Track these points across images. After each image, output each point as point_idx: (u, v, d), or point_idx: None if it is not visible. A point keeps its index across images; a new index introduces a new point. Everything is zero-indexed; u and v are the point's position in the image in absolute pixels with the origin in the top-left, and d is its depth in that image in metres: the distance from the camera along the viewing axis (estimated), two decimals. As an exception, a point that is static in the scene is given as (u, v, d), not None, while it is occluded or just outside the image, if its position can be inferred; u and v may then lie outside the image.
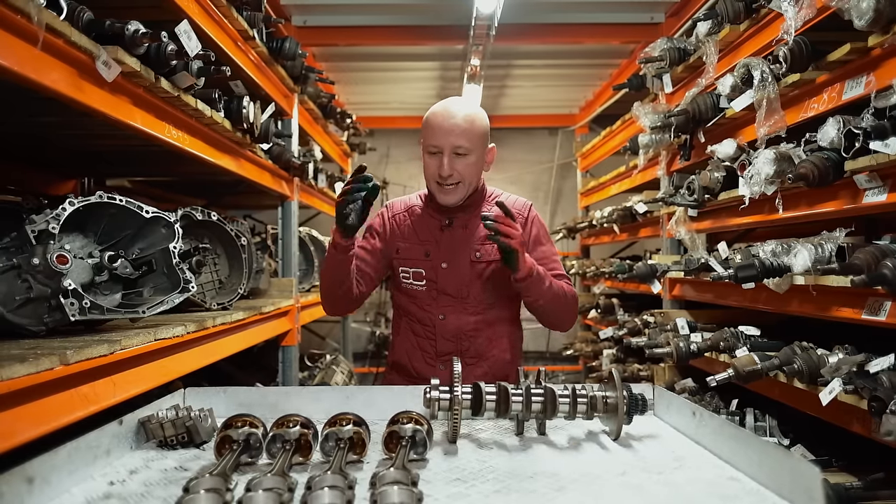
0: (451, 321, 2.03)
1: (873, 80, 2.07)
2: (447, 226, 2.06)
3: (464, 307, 2.03)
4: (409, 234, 2.09)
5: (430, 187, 2.05)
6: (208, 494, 0.99)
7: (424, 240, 2.07)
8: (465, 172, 1.97)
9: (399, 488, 1.00)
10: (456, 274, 2.03)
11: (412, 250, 2.07)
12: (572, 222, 6.48)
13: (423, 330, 2.07)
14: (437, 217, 2.08)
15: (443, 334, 2.04)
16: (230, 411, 1.46)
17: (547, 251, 2.09)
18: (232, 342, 2.67)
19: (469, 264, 2.03)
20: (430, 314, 2.05)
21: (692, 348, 2.99)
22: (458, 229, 2.06)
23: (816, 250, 2.26)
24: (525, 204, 2.14)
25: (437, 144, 1.94)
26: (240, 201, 4.73)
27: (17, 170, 3.34)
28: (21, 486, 1.00)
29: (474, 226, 2.05)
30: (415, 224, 2.10)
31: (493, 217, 1.78)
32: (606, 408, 1.45)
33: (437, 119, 1.96)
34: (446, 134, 1.93)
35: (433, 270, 2.04)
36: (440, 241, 2.05)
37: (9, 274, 1.71)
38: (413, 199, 2.17)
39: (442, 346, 2.04)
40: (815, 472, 1.00)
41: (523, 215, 2.09)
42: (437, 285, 2.04)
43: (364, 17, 4.91)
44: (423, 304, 2.06)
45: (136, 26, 1.91)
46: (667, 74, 3.54)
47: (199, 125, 2.53)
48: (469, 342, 2.04)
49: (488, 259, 2.03)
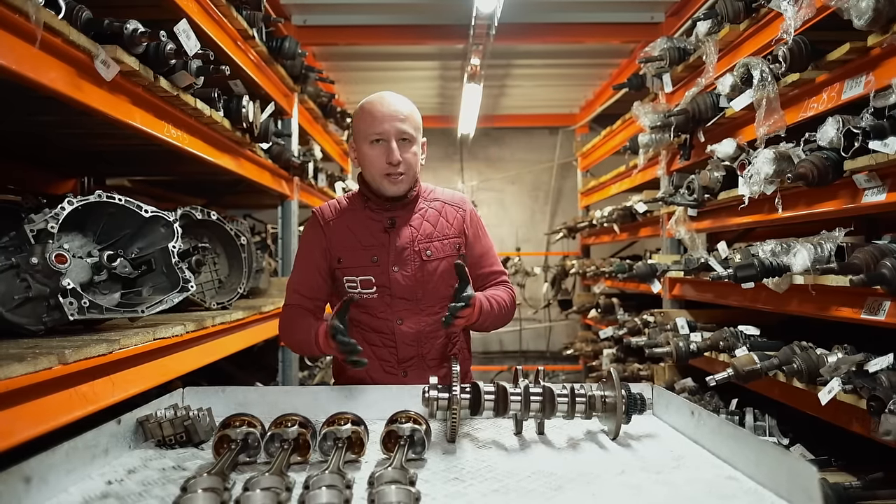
0: (409, 325, 1.93)
1: (873, 80, 2.07)
2: (390, 226, 1.94)
3: (420, 308, 1.93)
4: (349, 241, 1.94)
5: (374, 180, 1.91)
6: (206, 494, 1.00)
7: (368, 245, 1.93)
8: (410, 161, 1.89)
9: (397, 487, 1.00)
10: (408, 276, 1.92)
11: (357, 257, 1.93)
12: (572, 222, 6.48)
13: (380, 338, 1.94)
14: (376, 218, 1.95)
15: (403, 340, 1.93)
16: (229, 411, 1.46)
17: (487, 245, 2.06)
18: (231, 342, 2.67)
19: (420, 264, 1.93)
20: (385, 321, 1.93)
21: (692, 348, 2.99)
22: (402, 228, 1.94)
23: (816, 250, 2.26)
24: (463, 198, 2.07)
25: (383, 131, 1.86)
26: (239, 201, 4.73)
27: (16, 169, 3.34)
28: (18, 486, 1.00)
29: (418, 222, 1.96)
30: (353, 228, 1.95)
31: (455, 314, 1.67)
32: (605, 407, 1.45)
33: (378, 107, 1.88)
34: (391, 120, 1.86)
35: (384, 275, 1.91)
36: (386, 244, 1.93)
37: (7, 273, 1.71)
38: (342, 203, 2.02)
39: (403, 352, 1.94)
40: (813, 471, 1.00)
41: (464, 209, 2.03)
42: (389, 290, 1.91)
43: (364, 16, 4.90)
44: (377, 312, 1.93)
45: (135, 25, 1.91)
46: (667, 74, 3.54)
47: (199, 124, 2.53)
48: (430, 344, 1.96)
49: (439, 256, 1.95)
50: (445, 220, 1.99)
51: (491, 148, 7.91)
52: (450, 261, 1.94)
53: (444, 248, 1.95)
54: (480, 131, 7.33)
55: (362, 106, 1.93)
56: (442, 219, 1.99)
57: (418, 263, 1.93)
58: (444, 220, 1.99)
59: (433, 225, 1.97)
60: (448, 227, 1.98)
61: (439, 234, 1.97)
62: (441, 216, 1.99)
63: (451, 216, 2.00)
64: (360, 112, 1.93)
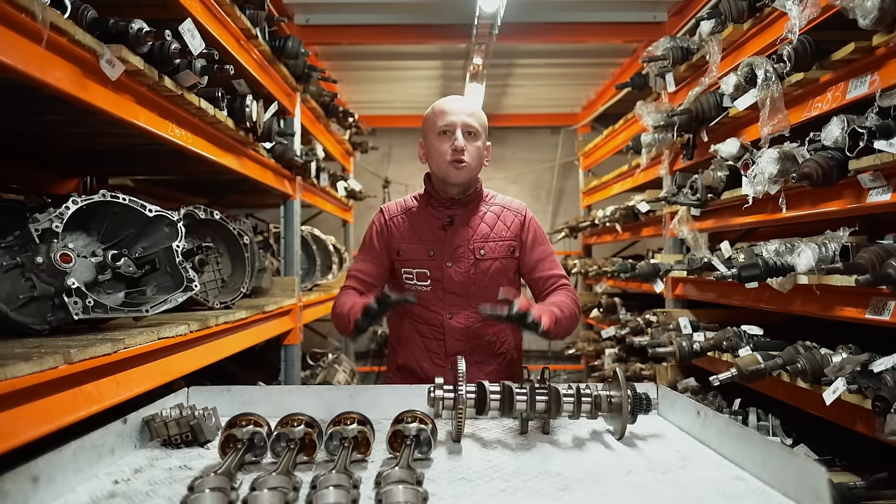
0: (459, 320, 2.03)
1: (878, 80, 2.06)
2: (448, 224, 2.05)
3: (471, 305, 2.02)
4: (409, 235, 2.08)
5: (440, 169, 2.03)
6: (213, 493, 0.99)
7: (426, 240, 2.06)
8: (473, 154, 2.02)
9: (404, 487, 1.00)
10: (461, 272, 2.02)
11: (414, 251, 2.06)
12: (574, 221, 6.47)
13: (430, 331, 2.05)
14: (437, 216, 2.08)
15: (452, 334, 2.03)
16: (234, 410, 1.46)
17: (546, 251, 2.12)
18: (234, 341, 2.67)
19: (474, 262, 2.03)
20: (436, 314, 2.03)
21: (695, 348, 2.98)
22: (460, 227, 2.06)
23: (820, 250, 2.25)
24: (521, 205, 2.17)
25: (450, 122, 2.00)
26: (242, 200, 4.73)
27: (20, 168, 3.34)
28: (26, 485, 1.00)
29: (476, 223, 2.07)
30: (414, 224, 2.09)
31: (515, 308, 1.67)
32: (611, 407, 1.45)
33: (447, 104, 2.04)
34: (458, 113, 2.01)
35: (438, 270, 2.03)
36: (443, 241, 2.05)
37: (12, 273, 1.71)
38: (409, 201, 2.16)
39: (451, 346, 2.03)
40: (821, 471, 1.00)
41: (522, 214, 2.12)
42: (442, 285, 2.03)
43: (367, 15, 4.90)
44: (430, 305, 2.04)
45: (140, 25, 1.91)
46: (670, 73, 3.53)
47: (202, 124, 2.53)
48: (478, 340, 2.04)
49: (493, 256, 2.04)
50: (503, 223, 2.09)
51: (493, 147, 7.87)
52: (503, 262, 2.06)
53: (499, 248, 2.05)
54: (482, 131, 7.31)
55: (432, 106, 2.08)
56: (500, 222, 2.09)
57: (472, 261, 2.03)
58: (502, 224, 2.09)
59: (490, 227, 2.08)
60: (505, 229, 2.09)
61: (495, 236, 2.07)
62: (499, 219, 2.10)
63: (508, 220, 2.10)
64: (429, 111, 2.08)
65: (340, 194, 5.47)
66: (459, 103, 2.05)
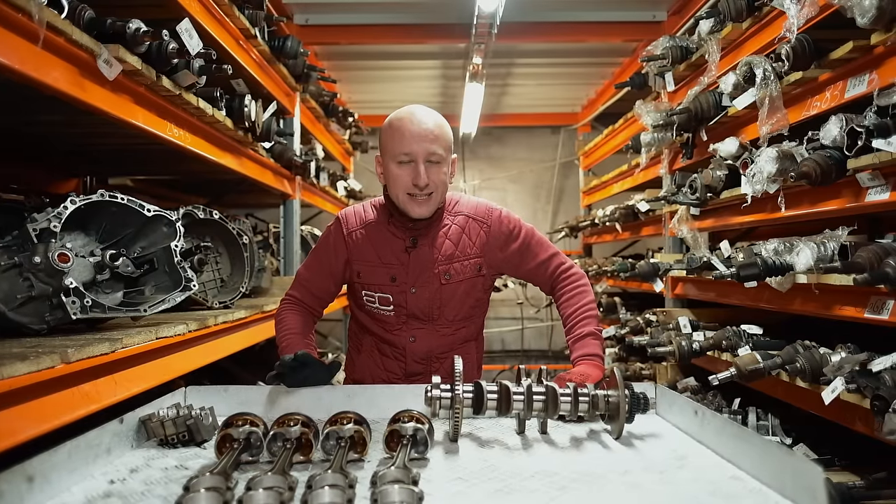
0: (421, 344, 1.93)
1: (876, 78, 2.06)
2: (412, 246, 1.90)
3: (434, 328, 1.93)
4: (369, 256, 1.92)
5: (399, 200, 1.85)
6: (209, 493, 0.99)
7: (388, 263, 1.91)
8: (438, 182, 1.82)
9: (400, 487, 1.00)
10: (426, 297, 1.90)
11: (376, 274, 1.91)
12: (574, 221, 6.47)
13: (392, 351, 1.96)
14: (399, 236, 1.91)
15: (413, 357, 1.94)
16: (231, 410, 1.45)
17: (539, 251, 1.98)
18: (233, 341, 2.67)
19: (439, 287, 1.91)
20: (399, 337, 1.94)
21: (694, 347, 2.98)
22: (424, 249, 1.90)
23: (819, 249, 2.25)
24: (487, 210, 1.98)
25: (411, 152, 1.79)
26: (242, 200, 4.74)
27: (18, 168, 3.35)
28: (21, 485, 1.00)
29: (440, 242, 1.91)
30: (374, 244, 1.92)
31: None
32: (608, 407, 1.45)
33: (408, 125, 1.80)
34: (420, 140, 1.78)
35: (401, 295, 1.90)
36: (406, 264, 1.90)
37: (10, 272, 1.71)
38: (368, 212, 1.98)
39: (412, 367, 1.95)
40: (818, 471, 0.99)
41: (487, 224, 1.95)
42: (405, 310, 1.91)
43: (366, 15, 4.90)
44: (391, 329, 1.94)
45: (138, 25, 1.91)
46: (669, 73, 3.53)
47: (201, 124, 2.53)
48: (439, 363, 1.95)
49: (459, 279, 1.92)
50: (468, 237, 1.94)
51: (493, 147, 7.90)
52: (469, 282, 1.93)
53: (464, 269, 1.92)
54: (482, 130, 7.33)
55: (390, 122, 1.84)
56: (465, 236, 1.94)
57: (436, 286, 1.91)
58: (467, 238, 1.94)
59: (455, 244, 1.93)
60: (470, 245, 1.93)
61: (460, 254, 1.92)
62: (464, 233, 1.94)
63: (473, 234, 1.94)
64: (387, 128, 1.84)
65: (340, 194, 5.48)
66: (421, 125, 1.79)
